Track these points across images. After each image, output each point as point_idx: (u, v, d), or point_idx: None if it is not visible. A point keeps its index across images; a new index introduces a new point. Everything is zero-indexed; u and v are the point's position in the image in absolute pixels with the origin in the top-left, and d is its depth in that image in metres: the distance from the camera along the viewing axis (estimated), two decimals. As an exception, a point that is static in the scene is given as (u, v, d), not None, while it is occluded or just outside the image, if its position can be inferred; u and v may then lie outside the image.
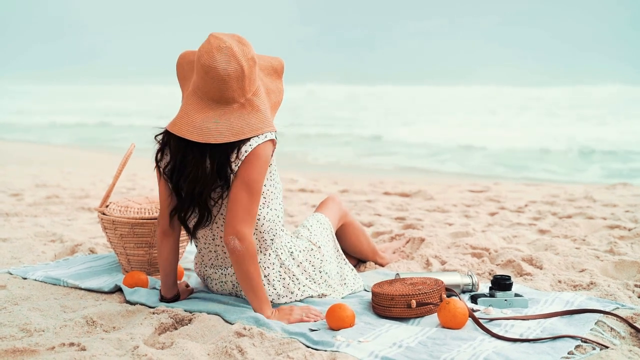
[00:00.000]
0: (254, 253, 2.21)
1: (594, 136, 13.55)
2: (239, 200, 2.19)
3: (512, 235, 3.73)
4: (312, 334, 2.07)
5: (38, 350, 1.93)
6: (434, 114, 21.09)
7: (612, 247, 3.28)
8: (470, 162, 10.66)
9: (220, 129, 2.16)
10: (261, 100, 2.23)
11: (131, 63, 75.79)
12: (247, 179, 2.19)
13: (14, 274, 2.81)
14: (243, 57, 2.15)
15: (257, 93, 2.23)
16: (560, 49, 61.29)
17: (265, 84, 2.30)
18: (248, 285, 2.22)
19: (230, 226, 2.18)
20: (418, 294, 2.25)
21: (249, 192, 2.19)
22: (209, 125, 2.16)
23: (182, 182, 2.23)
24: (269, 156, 2.23)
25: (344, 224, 2.90)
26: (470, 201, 5.23)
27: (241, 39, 2.20)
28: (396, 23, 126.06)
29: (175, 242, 2.39)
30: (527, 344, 2.01)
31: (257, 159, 2.19)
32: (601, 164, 10.35)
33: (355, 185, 6.49)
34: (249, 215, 2.20)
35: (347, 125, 17.35)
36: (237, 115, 2.18)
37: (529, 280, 2.79)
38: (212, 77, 2.13)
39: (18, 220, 4.17)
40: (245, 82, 2.17)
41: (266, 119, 2.21)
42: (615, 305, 2.39)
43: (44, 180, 6.52)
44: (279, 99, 2.33)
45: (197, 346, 1.96)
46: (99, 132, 16.73)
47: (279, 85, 2.34)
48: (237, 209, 2.18)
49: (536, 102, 25.56)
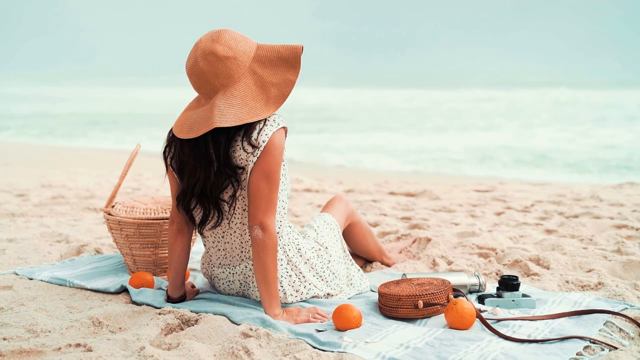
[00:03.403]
0: (275, 245, 2.24)
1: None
2: (260, 191, 2.22)
3: (519, 235, 3.71)
4: (318, 334, 2.06)
5: (44, 351, 1.92)
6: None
7: (619, 246, 3.26)
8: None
9: (184, 125, 2.23)
10: (227, 97, 2.17)
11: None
12: (266, 169, 2.21)
13: (20, 275, 2.81)
14: (201, 53, 2.17)
15: (228, 89, 2.18)
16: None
17: (260, 77, 2.21)
18: (263, 277, 2.24)
19: (253, 217, 2.23)
20: (425, 295, 2.24)
21: (269, 181, 2.22)
22: (183, 119, 2.25)
23: (185, 174, 2.27)
24: (283, 144, 2.26)
25: (351, 224, 2.89)
26: (476, 201, 5.21)
27: (217, 34, 2.19)
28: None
29: (188, 241, 2.41)
30: (535, 345, 1.99)
31: (274, 149, 2.22)
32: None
33: (361, 185, 6.48)
34: (271, 204, 2.23)
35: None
36: (199, 112, 2.23)
37: (536, 281, 2.78)
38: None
39: (24, 220, 4.17)
40: (207, 77, 2.17)
41: (210, 117, 2.16)
42: (623, 305, 2.38)
43: (50, 180, 6.54)
44: (284, 92, 2.22)
45: (203, 347, 1.95)
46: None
47: (287, 75, 2.23)
48: (259, 200, 2.22)
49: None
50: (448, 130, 17.14)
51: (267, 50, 2.24)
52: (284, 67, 2.23)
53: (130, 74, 53.75)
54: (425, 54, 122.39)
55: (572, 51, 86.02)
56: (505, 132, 16.23)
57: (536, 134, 15.66)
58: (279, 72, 2.22)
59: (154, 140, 11.76)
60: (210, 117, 2.16)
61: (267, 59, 2.23)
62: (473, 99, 31.64)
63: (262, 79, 2.21)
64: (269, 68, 2.23)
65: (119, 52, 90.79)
